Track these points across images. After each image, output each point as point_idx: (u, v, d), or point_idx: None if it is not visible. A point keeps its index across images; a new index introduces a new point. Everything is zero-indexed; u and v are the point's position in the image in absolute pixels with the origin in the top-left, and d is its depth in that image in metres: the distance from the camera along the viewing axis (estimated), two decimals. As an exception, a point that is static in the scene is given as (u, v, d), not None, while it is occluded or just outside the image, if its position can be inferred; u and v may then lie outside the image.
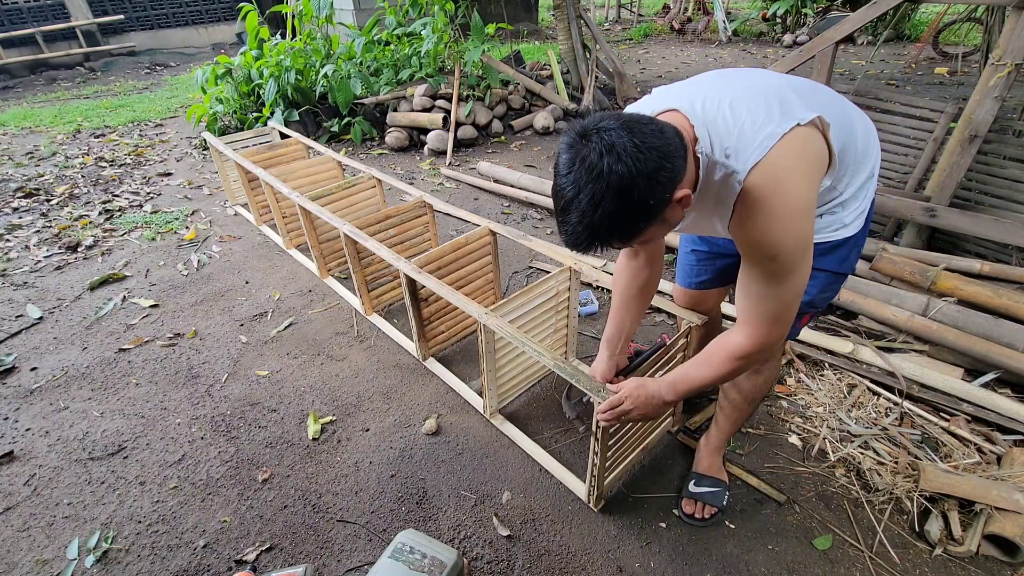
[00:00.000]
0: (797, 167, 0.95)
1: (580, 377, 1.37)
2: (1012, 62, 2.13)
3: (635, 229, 0.92)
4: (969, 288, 2.13)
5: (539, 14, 11.14)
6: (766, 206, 0.95)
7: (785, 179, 0.94)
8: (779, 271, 1.00)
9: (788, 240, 0.96)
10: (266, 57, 4.87)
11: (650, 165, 0.85)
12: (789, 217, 0.95)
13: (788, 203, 0.95)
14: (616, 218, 0.88)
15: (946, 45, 7.21)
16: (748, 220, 0.98)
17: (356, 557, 1.53)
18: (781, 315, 1.06)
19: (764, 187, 0.94)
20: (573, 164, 0.87)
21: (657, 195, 0.87)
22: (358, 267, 2.36)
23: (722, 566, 1.47)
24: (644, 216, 0.90)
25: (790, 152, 0.94)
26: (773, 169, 0.93)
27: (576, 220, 0.90)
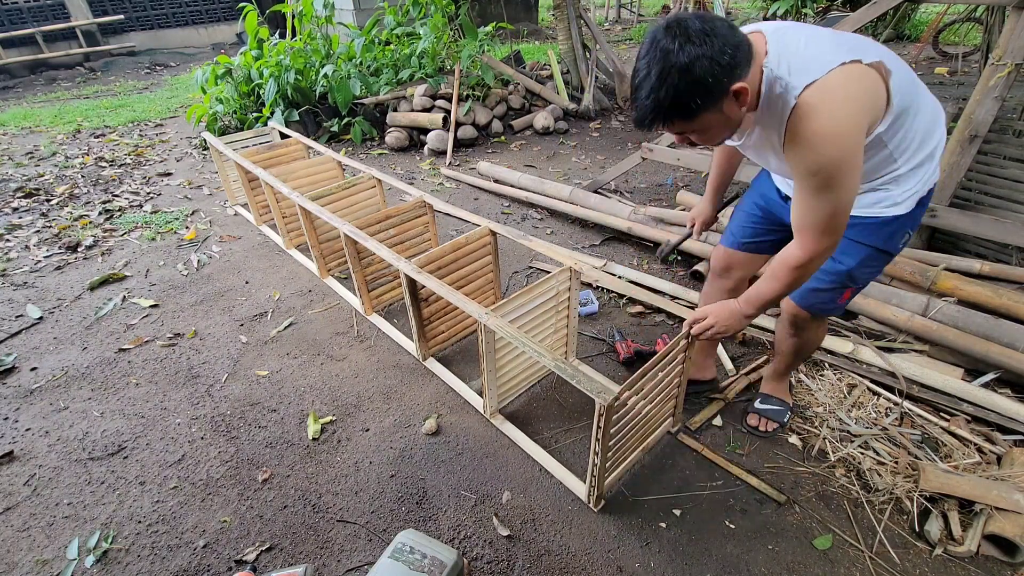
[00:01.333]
0: (849, 93, 1.04)
1: (580, 378, 1.37)
2: (1012, 62, 2.13)
3: (695, 106, 1.03)
4: (969, 288, 2.13)
5: (539, 14, 11.14)
6: (812, 121, 1.04)
7: (834, 100, 1.03)
8: (823, 184, 1.09)
9: (830, 156, 1.04)
10: (266, 57, 4.87)
11: (714, 47, 0.98)
12: (833, 134, 1.03)
13: (835, 121, 1.03)
14: (679, 93, 1.01)
15: (946, 45, 7.21)
16: (797, 135, 1.07)
17: (356, 557, 1.53)
18: (828, 224, 1.14)
19: (814, 104, 1.03)
20: (650, 48, 1.02)
21: (716, 76, 1.00)
22: (358, 267, 2.36)
23: (722, 566, 1.47)
24: (704, 95, 1.01)
25: (845, 80, 1.03)
26: (825, 89, 1.03)
27: (644, 95, 1.04)
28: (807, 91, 1.04)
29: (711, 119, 1.08)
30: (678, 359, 1.59)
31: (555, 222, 3.42)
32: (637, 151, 3.36)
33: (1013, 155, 2.65)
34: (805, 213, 1.16)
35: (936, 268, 2.23)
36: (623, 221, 3.06)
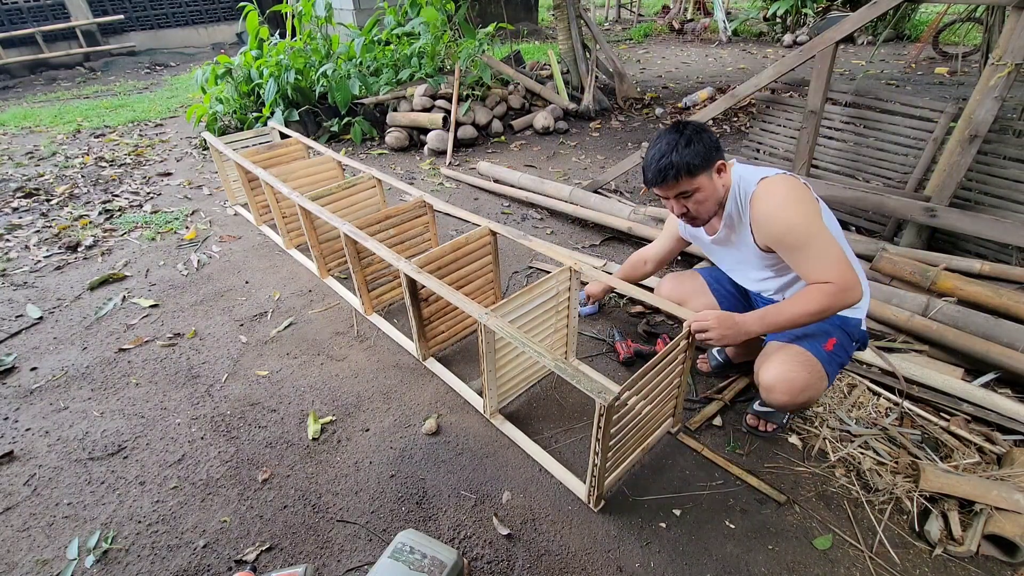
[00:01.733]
0: (789, 182, 1.47)
1: (580, 378, 1.37)
2: (1012, 62, 2.13)
3: (696, 164, 1.44)
4: (969, 288, 2.13)
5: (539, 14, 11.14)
6: (765, 202, 1.47)
7: (779, 184, 1.47)
8: (801, 241, 1.41)
9: (795, 218, 1.42)
10: (266, 57, 4.87)
11: (705, 134, 1.48)
12: (787, 204, 1.43)
13: (782, 196, 1.45)
14: (684, 156, 1.43)
15: (946, 45, 7.21)
16: (759, 215, 1.48)
17: (356, 557, 1.53)
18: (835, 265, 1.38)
19: (765, 189, 1.48)
20: (661, 136, 1.50)
21: (709, 148, 1.46)
22: (358, 267, 2.36)
23: (722, 566, 1.47)
24: (703, 159, 1.45)
25: (785, 178, 1.48)
26: (772, 181, 1.48)
27: (659, 158, 1.46)
28: (760, 183, 1.48)
29: (705, 182, 1.48)
30: (678, 359, 1.59)
31: (555, 222, 3.42)
32: (637, 151, 3.36)
33: (1013, 155, 2.65)
34: (810, 268, 1.42)
35: (936, 268, 2.23)
36: (623, 221, 3.06)
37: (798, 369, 1.52)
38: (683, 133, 1.46)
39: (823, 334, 1.58)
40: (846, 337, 1.61)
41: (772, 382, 1.54)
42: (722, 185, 1.52)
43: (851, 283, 1.36)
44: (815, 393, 1.53)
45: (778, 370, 1.54)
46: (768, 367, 1.57)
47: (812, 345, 1.56)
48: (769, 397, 1.57)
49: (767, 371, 1.57)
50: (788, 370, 1.52)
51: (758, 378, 1.61)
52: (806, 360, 1.53)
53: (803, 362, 1.53)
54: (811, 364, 1.53)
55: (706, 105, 5.39)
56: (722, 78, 6.76)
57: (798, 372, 1.51)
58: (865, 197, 2.59)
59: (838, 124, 3.46)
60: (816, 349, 1.55)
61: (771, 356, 1.59)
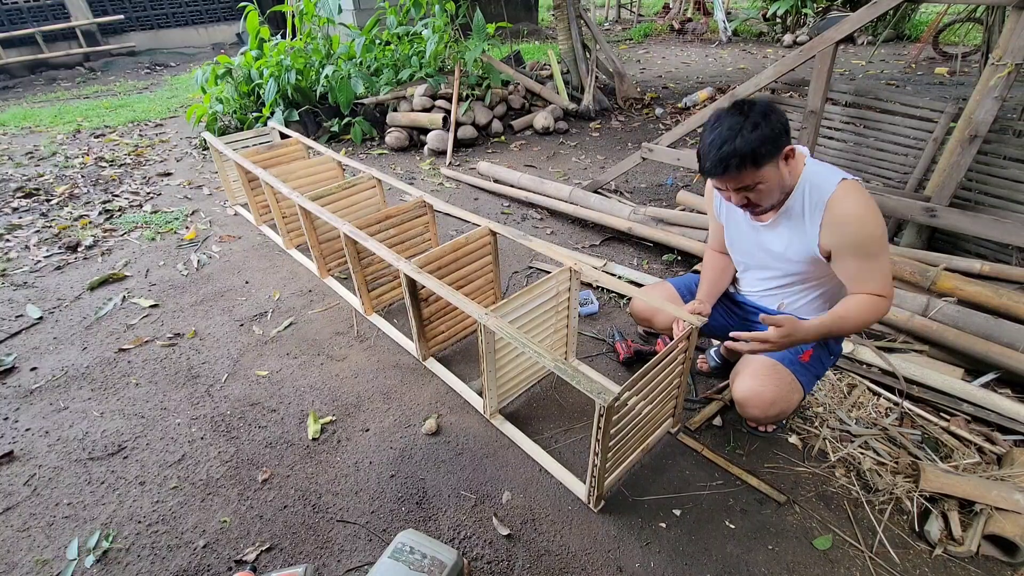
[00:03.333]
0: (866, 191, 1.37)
1: (580, 378, 1.37)
2: (1012, 62, 2.13)
3: (763, 153, 1.29)
4: (969, 288, 2.13)
5: (539, 14, 11.14)
6: (851, 205, 1.35)
7: (863, 191, 1.37)
8: (874, 250, 1.36)
9: (871, 230, 1.34)
10: (266, 57, 4.87)
11: (774, 116, 1.31)
12: (869, 214, 1.34)
13: (868, 206, 1.34)
14: (752, 143, 1.27)
15: (946, 45, 7.21)
16: (839, 216, 1.36)
17: (356, 557, 1.53)
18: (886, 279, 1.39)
19: (849, 194, 1.35)
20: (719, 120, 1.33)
21: (778, 134, 1.30)
22: (358, 267, 2.36)
23: (722, 566, 1.47)
24: (772, 146, 1.29)
25: (862, 186, 1.38)
26: (852, 186, 1.36)
27: (720, 146, 1.30)
28: (841, 185, 1.36)
29: (772, 172, 1.34)
30: (678, 360, 1.59)
31: (555, 222, 3.42)
32: (637, 151, 3.36)
33: (1013, 155, 2.65)
34: (869, 278, 1.39)
35: (936, 268, 2.23)
36: (623, 221, 3.06)
37: (767, 383, 1.50)
38: (748, 115, 1.29)
39: (798, 348, 1.55)
40: (824, 349, 1.60)
41: (743, 397, 1.53)
42: (789, 173, 1.38)
43: (890, 296, 1.41)
44: (787, 405, 1.52)
45: (748, 384, 1.53)
46: (740, 381, 1.56)
47: (784, 356, 1.54)
48: (743, 411, 1.57)
49: (739, 385, 1.56)
50: (757, 384, 1.51)
51: (731, 392, 1.61)
52: (776, 372, 1.52)
53: (773, 375, 1.52)
54: (781, 376, 1.52)
55: (706, 105, 5.39)
56: (722, 78, 6.76)
57: (767, 386, 1.50)
58: (865, 197, 2.58)
59: (838, 124, 3.46)
60: (789, 360, 1.54)
61: (743, 370, 1.59)
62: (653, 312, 1.82)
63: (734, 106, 1.33)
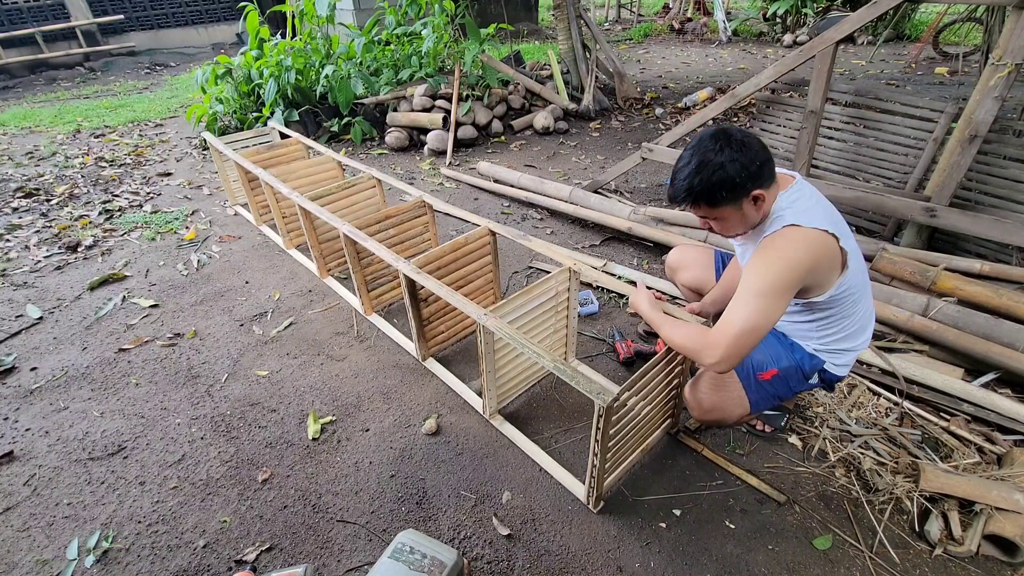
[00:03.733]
0: (812, 249, 1.27)
1: (579, 379, 1.37)
2: (1012, 62, 2.13)
3: (720, 197, 1.26)
4: (969, 288, 2.13)
5: (539, 14, 11.14)
6: (776, 245, 1.28)
7: (799, 243, 1.26)
8: (760, 289, 1.25)
9: (776, 271, 1.25)
10: (266, 57, 4.87)
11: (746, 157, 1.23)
12: (786, 260, 1.25)
13: (783, 252, 1.26)
14: (710, 184, 1.24)
15: (946, 45, 7.21)
16: (762, 248, 1.31)
17: (356, 557, 1.53)
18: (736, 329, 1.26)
19: (784, 235, 1.28)
20: (696, 146, 1.28)
21: (743, 178, 1.23)
22: (358, 267, 2.36)
23: (722, 566, 1.47)
24: (729, 190, 1.25)
25: (818, 241, 1.27)
26: (800, 233, 1.27)
27: (682, 178, 1.28)
28: (790, 227, 1.27)
29: (730, 212, 1.31)
30: (678, 360, 1.59)
31: (555, 222, 3.42)
32: (637, 151, 3.36)
33: (1013, 155, 2.65)
34: (735, 307, 1.29)
35: (936, 268, 2.23)
36: (623, 221, 3.06)
37: (709, 391, 1.57)
38: (720, 151, 1.23)
39: (768, 362, 1.53)
40: (797, 373, 1.52)
41: (686, 396, 1.64)
42: (758, 212, 1.31)
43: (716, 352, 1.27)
44: (724, 415, 1.58)
45: (692, 387, 1.61)
46: (691, 384, 1.64)
47: (742, 369, 1.53)
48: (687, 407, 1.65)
49: (687, 387, 1.64)
50: (699, 390, 1.59)
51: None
52: (723, 383, 1.56)
53: (719, 384, 1.56)
54: (727, 388, 1.55)
55: (706, 105, 5.39)
56: (722, 78, 6.76)
57: (707, 393, 1.57)
58: (865, 197, 2.59)
59: (838, 124, 3.46)
60: (745, 373, 1.54)
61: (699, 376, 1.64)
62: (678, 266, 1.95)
63: (714, 136, 1.26)
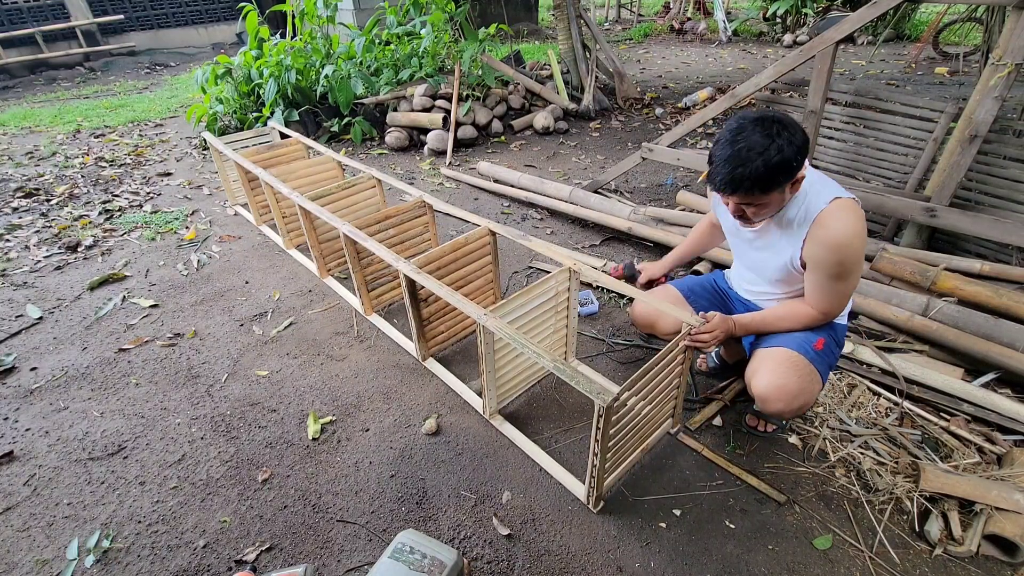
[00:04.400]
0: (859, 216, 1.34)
1: (579, 379, 1.37)
2: (1012, 62, 2.13)
3: (779, 181, 1.28)
4: (969, 288, 2.13)
5: (539, 14, 11.14)
6: (836, 228, 1.32)
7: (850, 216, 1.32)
8: (839, 275, 1.38)
9: (846, 256, 1.34)
10: (266, 57, 4.87)
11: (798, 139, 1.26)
12: (851, 241, 1.32)
13: (855, 226, 1.32)
14: (771, 169, 1.24)
15: (946, 45, 7.21)
16: (822, 236, 1.34)
17: (356, 557, 1.53)
18: (838, 303, 1.47)
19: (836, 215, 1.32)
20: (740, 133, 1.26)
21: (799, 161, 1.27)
22: (358, 267, 2.36)
23: (722, 566, 1.47)
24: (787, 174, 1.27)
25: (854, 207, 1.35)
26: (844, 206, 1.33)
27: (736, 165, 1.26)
28: (834, 202, 1.33)
29: (777, 197, 1.33)
30: (677, 360, 1.59)
31: (555, 222, 3.42)
32: (637, 151, 3.36)
33: (1013, 155, 2.65)
34: (821, 296, 1.45)
35: (936, 268, 2.23)
36: (623, 221, 3.06)
37: (789, 375, 1.48)
38: (774, 138, 1.23)
39: (811, 336, 1.55)
40: (832, 339, 1.59)
41: (765, 392, 1.50)
42: (791, 195, 1.36)
43: (835, 317, 1.52)
44: (810, 397, 1.51)
45: (769, 378, 1.50)
46: (759, 376, 1.53)
47: (801, 345, 1.53)
48: (765, 407, 1.53)
49: (759, 381, 1.52)
50: (779, 377, 1.48)
51: (751, 389, 1.57)
52: (796, 363, 1.50)
53: (793, 366, 1.49)
54: (801, 367, 1.50)
55: (706, 105, 5.39)
56: (722, 78, 6.76)
57: (789, 378, 1.48)
58: (865, 197, 2.59)
59: (838, 124, 3.46)
60: (805, 349, 1.52)
61: (761, 365, 1.55)
62: (656, 317, 1.80)
63: (760, 122, 1.26)
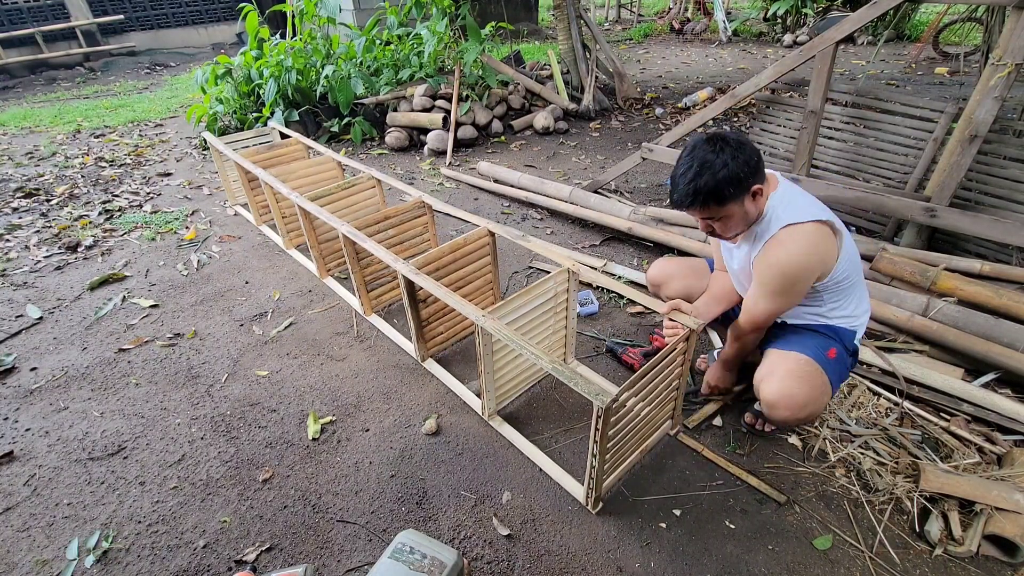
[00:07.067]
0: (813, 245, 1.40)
1: (578, 380, 1.37)
2: (1012, 62, 2.13)
3: (727, 195, 1.34)
4: (969, 288, 2.13)
5: (539, 14, 11.14)
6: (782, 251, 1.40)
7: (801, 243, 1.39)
8: (773, 292, 1.48)
9: (784, 279, 1.43)
10: (266, 57, 4.87)
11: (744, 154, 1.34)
12: (791, 266, 1.41)
13: (796, 259, 1.40)
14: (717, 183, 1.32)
15: (946, 45, 7.21)
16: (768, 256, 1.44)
17: (356, 557, 1.53)
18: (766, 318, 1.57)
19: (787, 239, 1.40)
20: (692, 151, 1.37)
21: (745, 174, 1.33)
22: (357, 268, 2.36)
23: (722, 566, 1.47)
24: (735, 187, 1.34)
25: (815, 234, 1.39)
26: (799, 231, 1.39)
27: (687, 182, 1.35)
28: (788, 227, 1.39)
29: (735, 210, 1.39)
30: (677, 361, 1.59)
31: (555, 222, 3.42)
32: (637, 151, 3.36)
33: (1013, 155, 2.65)
34: (753, 305, 1.55)
35: (936, 268, 2.23)
36: (623, 221, 3.06)
37: (799, 384, 1.48)
38: (720, 152, 1.32)
39: (824, 343, 1.57)
40: (844, 350, 1.59)
41: (774, 399, 1.50)
42: (755, 208, 1.42)
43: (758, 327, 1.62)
44: (817, 407, 1.50)
45: (779, 386, 1.50)
46: (769, 383, 1.52)
47: (816, 352, 1.53)
48: (772, 414, 1.53)
49: (768, 388, 1.52)
50: (789, 386, 1.49)
51: (760, 394, 1.56)
52: (808, 372, 1.50)
53: (804, 375, 1.50)
54: (813, 375, 1.50)
55: (706, 105, 5.39)
56: (722, 78, 6.76)
57: (799, 387, 1.48)
58: (865, 197, 2.59)
59: (838, 124, 3.46)
60: (819, 355, 1.53)
61: (772, 371, 1.55)
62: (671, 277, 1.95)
63: (709, 140, 1.36)
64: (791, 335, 1.64)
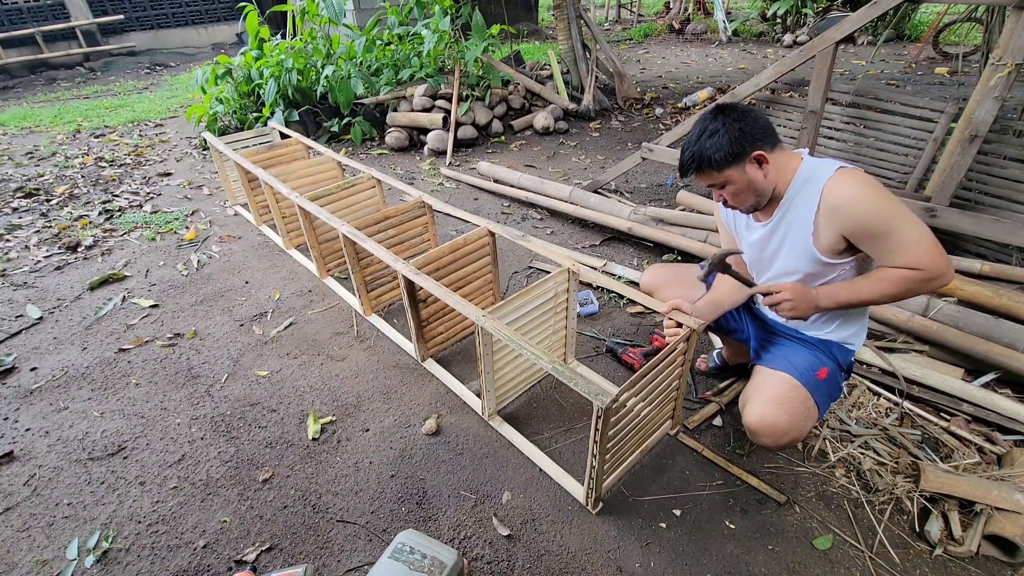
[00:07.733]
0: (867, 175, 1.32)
1: (578, 380, 1.37)
2: (1012, 62, 2.13)
3: (716, 159, 1.33)
4: (969, 288, 2.13)
5: (539, 14, 11.14)
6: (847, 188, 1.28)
7: (861, 174, 1.31)
8: (883, 227, 1.25)
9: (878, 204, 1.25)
10: (266, 57, 4.87)
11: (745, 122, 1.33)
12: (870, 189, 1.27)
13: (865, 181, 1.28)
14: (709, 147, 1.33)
15: (946, 45, 7.21)
16: (837, 203, 1.30)
17: (356, 557, 1.53)
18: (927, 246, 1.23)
19: (845, 176, 1.30)
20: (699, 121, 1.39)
21: (741, 140, 1.32)
22: (357, 268, 2.36)
23: (722, 566, 1.47)
24: (727, 152, 1.32)
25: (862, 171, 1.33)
26: (852, 170, 1.31)
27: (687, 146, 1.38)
28: (838, 171, 1.31)
29: (736, 175, 1.35)
30: (677, 361, 1.59)
31: (555, 222, 3.42)
32: (637, 151, 3.36)
33: (1013, 155, 2.65)
34: (898, 254, 1.25)
35: (936, 268, 2.22)
36: (623, 221, 3.06)
37: (782, 410, 1.43)
38: (716, 119, 1.35)
39: (816, 362, 1.51)
40: (837, 368, 1.55)
41: (755, 426, 1.45)
42: (764, 176, 1.35)
43: (941, 269, 1.23)
44: (799, 434, 1.45)
45: (761, 411, 1.45)
46: (751, 408, 1.48)
47: (803, 374, 1.48)
48: (755, 439, 1.49)
49: (750, 412, 1.48)
50: (770, 414, 1.44)
51: (743, 418, 1.52)
52: (791, 397, 1.45)
53: (786, 401, 1.45)
54: (797, 401, 1.45)
55: (706, 105, 5.39)
56: (722, 78, 6.76)
57: (779, 415, 1.43)
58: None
59: (838, 124, 3.46)
60: (807, 378, 1.48)
61: (756, 393, 1.50)
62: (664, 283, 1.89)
63: (714, 109, 1.39)
64: (784, 350, 1.58)
